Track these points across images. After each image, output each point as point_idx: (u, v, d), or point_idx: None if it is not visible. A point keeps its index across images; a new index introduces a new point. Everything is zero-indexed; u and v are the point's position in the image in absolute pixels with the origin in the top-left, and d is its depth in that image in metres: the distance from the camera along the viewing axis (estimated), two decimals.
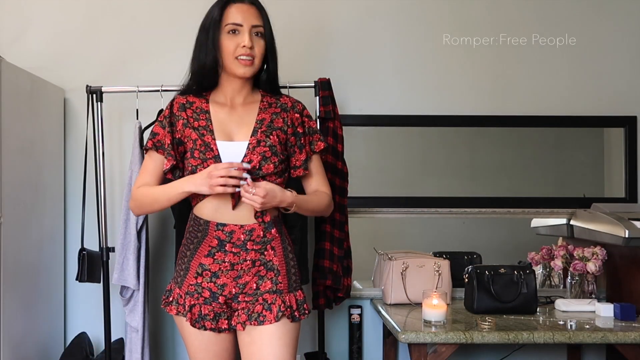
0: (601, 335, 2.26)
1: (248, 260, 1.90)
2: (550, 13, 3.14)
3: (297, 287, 1.97)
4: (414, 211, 3.06)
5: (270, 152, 1.90)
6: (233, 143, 1.91)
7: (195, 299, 1.91)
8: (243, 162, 1.87)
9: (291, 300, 1.92)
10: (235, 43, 1.88)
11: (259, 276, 1.90)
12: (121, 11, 3.06)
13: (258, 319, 1.88)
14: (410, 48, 3.11)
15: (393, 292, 2.73)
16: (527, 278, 2.55)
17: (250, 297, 1.90)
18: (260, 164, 1.88)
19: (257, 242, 1.90)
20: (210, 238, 1.90)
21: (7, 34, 3.03)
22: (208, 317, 1.90)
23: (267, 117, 1.96)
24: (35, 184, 2.73)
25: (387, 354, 2.93)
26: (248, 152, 1.89)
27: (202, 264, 1.91)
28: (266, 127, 1.93)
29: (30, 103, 2.69)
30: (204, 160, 1.88)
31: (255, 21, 1.89)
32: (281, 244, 1.94)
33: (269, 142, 1.91)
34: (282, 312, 1.88)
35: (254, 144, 1.89)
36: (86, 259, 2.68)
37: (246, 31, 1.88)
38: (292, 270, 1.97)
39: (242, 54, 1.88)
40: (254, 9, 1.92)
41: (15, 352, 2.53)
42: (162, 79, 2.83)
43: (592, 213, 2.84)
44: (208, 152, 1.89)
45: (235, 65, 1.90)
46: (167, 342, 3.02)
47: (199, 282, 1.91)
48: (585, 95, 3.12)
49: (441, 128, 3.10)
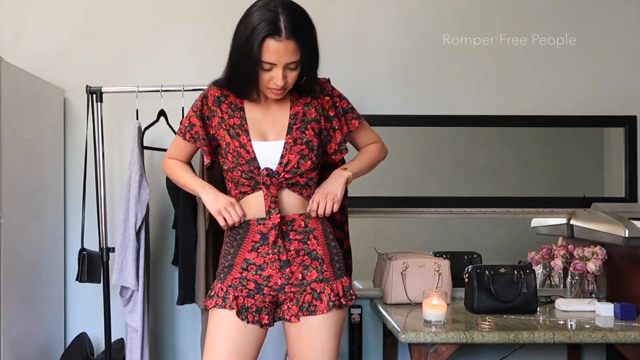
0: (601, 335, 2.25)
1: (292, 250, 1.91)
2: (550, 13, 3.14)
3: (342, 274, 1.99)
4: (414, 211, 3.06)
5: (307, 149, 1.91)
6: (269, 143, 1.91)
7: (239, 291, 1.90)
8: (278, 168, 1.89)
9: (338, 287, 1.94)
10: (269, 77, 1.85)
11: (304, 266, 1.92)
12: (121, 11, 3.06)
13: (309, 308, 1.90)
14: (410, 48, 3.11)
15: (393, 292, 2.73)
16: (527, 278, 2.55)
17: (297, 288, 1.91)
18: (298, 163, 1.90)
19: (299, 232, 1.93)
20: (253, 233, 1.91)
21: (7, 34, 3.03)
22: (251, 310, 1.89)
23: (300, 109, 1.96)
24: (35, 184, 2.73)
25: (387, 353, 2.93)
26: (285, 152, 1.90)
27: (246, 259, 1.92)
28: (300, 122, 1.93)
29: (30, 103, 2.70)
30: (238, 165, 1.90)
31: (289, 58, 1.82)
32: (323, 233, 1.96)
33: (306, 139, 1.92)
34: (332, 302, 1.90)
35: (291, 143, 1.90)
36: (86, 259, 2.68)
37: (280, 69, 1.83)
38: (336, 258, 1.98)
39: (274, 87, 1.86)
40: (291, 45, 1.80)
41: (15, 352, 2.53)
42: (162, 79, 2.83)
43: (592, 213, 2.84)
44: (245, 153, 1.89)
45: (268, 93, 1.90)
46: (167, 342, 3.02)
47: (244, 275, 1.91)
48: (585, 95, 3.12)
49: (441, 128, 3.10)
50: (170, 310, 3.01)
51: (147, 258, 2.73)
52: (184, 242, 2.64)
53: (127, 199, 2.66)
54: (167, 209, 2.94)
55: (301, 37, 1.84)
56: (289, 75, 1.86)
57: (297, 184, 1.93)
